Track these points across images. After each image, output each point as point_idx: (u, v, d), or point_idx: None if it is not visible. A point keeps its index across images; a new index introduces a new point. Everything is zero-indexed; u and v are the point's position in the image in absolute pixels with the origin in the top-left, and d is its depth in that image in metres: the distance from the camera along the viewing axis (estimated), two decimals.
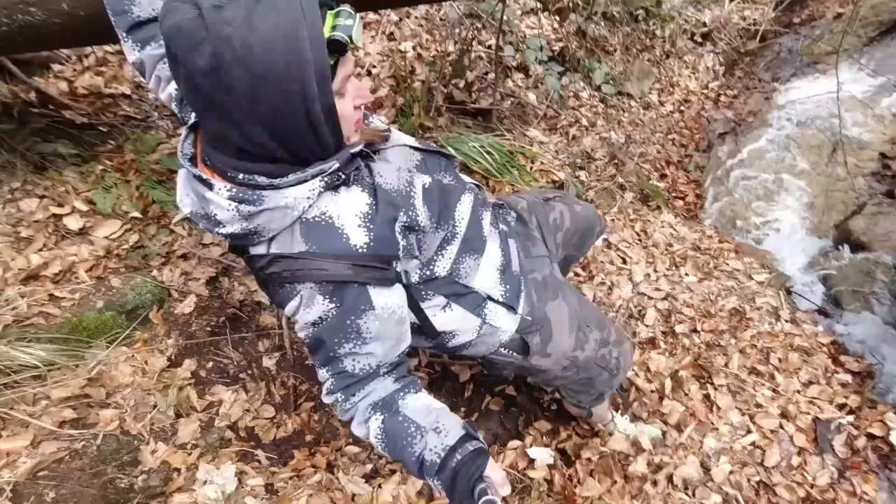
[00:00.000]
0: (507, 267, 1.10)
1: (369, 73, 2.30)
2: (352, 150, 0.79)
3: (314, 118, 0.69)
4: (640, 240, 2.43)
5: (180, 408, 1.50)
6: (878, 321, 2.39)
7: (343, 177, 0.80)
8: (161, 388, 1.51)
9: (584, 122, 2.97)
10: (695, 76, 4.52)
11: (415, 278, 0.94)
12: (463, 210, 1.00)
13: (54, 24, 1.24)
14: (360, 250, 0.80)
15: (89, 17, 1.23)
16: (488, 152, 2.11)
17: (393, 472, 1.51)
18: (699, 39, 4.50)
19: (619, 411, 1.75)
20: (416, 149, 0.96)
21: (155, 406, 1.47)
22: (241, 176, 0.74)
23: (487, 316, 1.06)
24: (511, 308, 1.09)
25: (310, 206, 0.78)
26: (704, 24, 4.55)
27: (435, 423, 0.85)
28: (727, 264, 2.38)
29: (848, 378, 1.99)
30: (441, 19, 2.51)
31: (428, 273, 0.96)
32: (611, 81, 3.55)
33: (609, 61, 3.62)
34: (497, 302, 1.07)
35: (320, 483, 1.43)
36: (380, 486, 1.45)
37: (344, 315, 0.80)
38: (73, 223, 1.69)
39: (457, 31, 2.36)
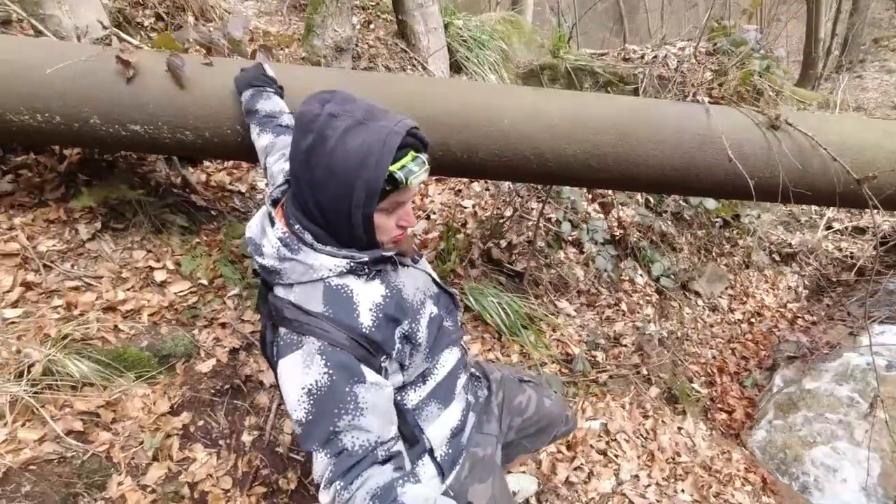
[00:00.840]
0: (458, 433, 1.15)
1: (428, 217, 2.72)
2: (383, 253, 0.95)
3: (353, 218, 0.87)
4: (643, 437, 2.35)
5: (159, 452, 1.73)
6: None
7: (368, 270, 0.94)
8: (154, 429, 1.76)
9: (624, 306, 3.06)
10: (773, 292, 4.41)
11: (396, 369, 1.00)
12: (447, 359, 1.11)
13: (202, 144, 1.77)
14: (362, 330, 0.90)
15: (220, 144, 1.75)
16: (504, 310, 2.31)
17: None
18: (777, 258, 4.47)
19: None
20: (434, 281, 1.12)
21: (141, 443, 1.72)
22: (296, 226, 0.92)
23: (419, 467, 1.08)
24: (442, 473, 1.11)
25: (332, 277, 0.91)
26: (790, 245, 4.54)
27: None
28: (733, 496, 2.19)
29: None
30: (509, 187, 2.91)
31: (399, 399, 1.02)
32: (671, 276, 3.64)
33: (673, 257, 3.75)
34: (434, 460, 1.10)
35: None
36: None
37: (341, 382, 0.85)
38: (159, 276, 2.15)
39: (516, 199, 2.72)
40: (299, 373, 0.86)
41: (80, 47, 1.77)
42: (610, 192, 3.14)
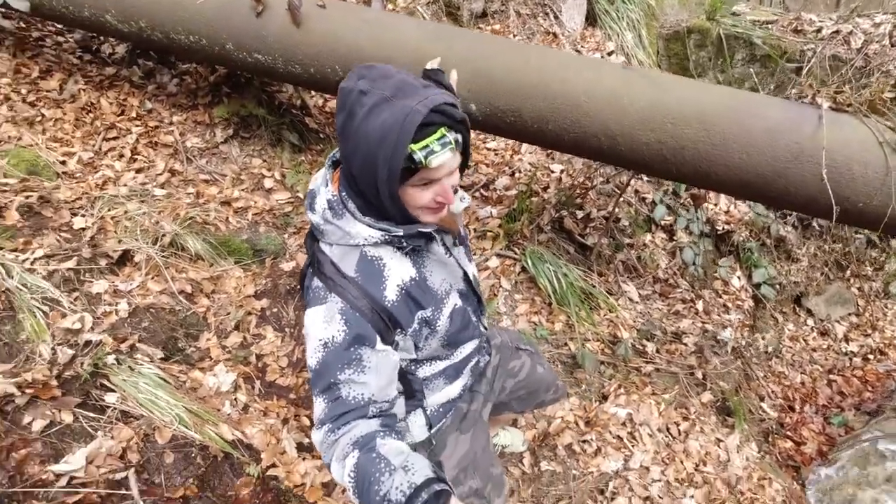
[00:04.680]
0: (455, 401, 1.25)
1: (513, 175, 2.76)
2: (419, 228, 0.94)
3: (381, 194, 0.86)
4: (671, 436, 2.32)
5: (240, 323, 2.16)
6: None
7: (404, 245, 0.96)
8: (239, 305, 2.19)
9: (700, 306, 2.88)
10: None
11: (402, 364, 1.06)
12: (466, 348, 1.19)
13: (307, 78, 2.01)
14: (385, 303, 0.94)
15: (321, 80, 1.97)
16: (559, 279, 2.35)
17: None
18: None
19: None
20: (467, 279, 1.13)
21: (229, 313, 2.16)
22: (343, 193, 0.94)
23: (410, 417, 1.18)
24: (430, 425, 1.20)
25: (368, 246, 0.94)
26: None
27: (405, 462, 0.86)
28: None
29: None
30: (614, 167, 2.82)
31: (410, 367, 1.10)
32: (776, 286, 3.29)
33: (784, 266, 3.36)
34: (425, 413, 1.19)
35: (270, 427, 1.91)
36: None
37: (353, 343, 0.91)
38: (268, 183, 2.55)
39: (601, 172, 2.65)
40: (320, 326, 0.92)
41: None
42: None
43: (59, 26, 2.94)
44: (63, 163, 2.31)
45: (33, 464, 1.48)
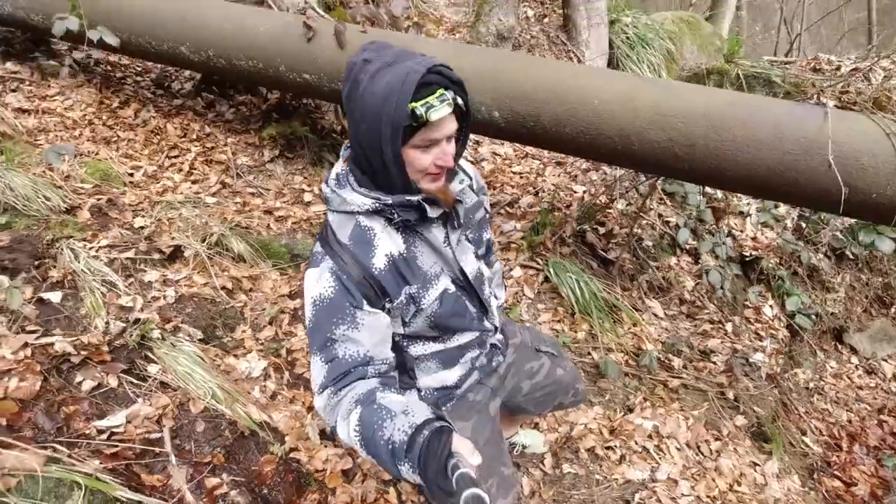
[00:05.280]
0: (451, 389, 1.23)
1: (537, 194, 2.89)
2: (408, 197, 0.97)
3: (385, 156, 0.90)
4: (701, 454, 2.23)
5: (273, 320, 2.29)
6: None
7: (395, 217, 0.99)
8: (274, 303, 2.33)
9: (730, 327, 2.83)
10: None
11: (395, 338, 1.08)
12: (463, 338, 1.18)
13: None
14: (373, 271, 0.98)
15: None
16: (581, 289, 2.40)
17: None
18: None
19: None
20: (464, 274, 1.12)
21: (264, 310, 2.30)
22: (350, 166, 1.01)
23: (404, 395, 1.15)
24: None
25: (362, 215, 0.99)
26: None
27: (405, 407, 0.89)
28: None
29: None
30: (632, 182, 2.92)
31: (402, 342, 1.12)
32: (812, 316, 3.20)
33: (820, 296, 3.27)
34: (418, 393, 1.19)
35: (295, 413, 1.98)
36: None
37: (342, 300, 0.95)
38: (307, 197, 2.76)
39: (621, 189, 2.74)
40: (312, 285, 0.97)
41: (283, 15, 2.38)
42: (723, 196, 2.92)
43: (139, 68, 3.38)
44: (131, 174, 2.60)
45: (79, 419, 1.59)
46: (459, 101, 0.93)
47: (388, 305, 1.01)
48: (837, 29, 10.82)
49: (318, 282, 0.97)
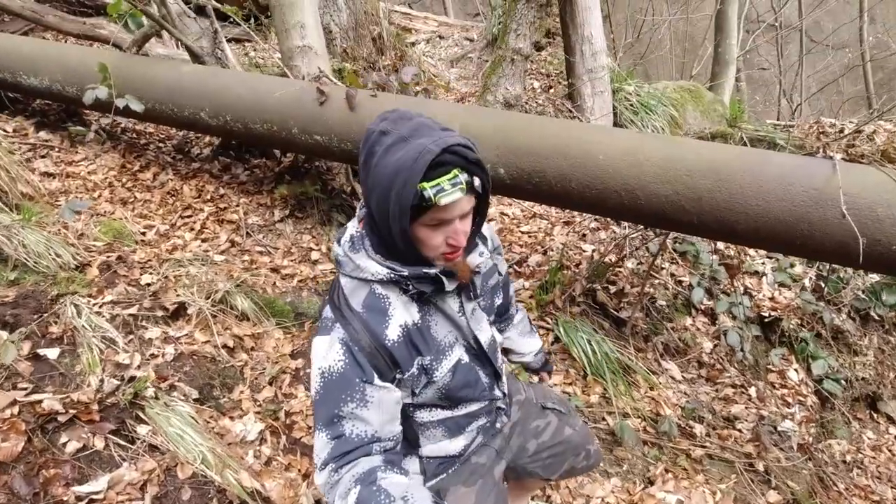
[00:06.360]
0: (455, 459, 1.17)
1: (545, 253, 2.85)
2: (425, 270, 0.94)
3: (393, 230, 0.87)
4: None
5: (274, 380, 2.21)
6: None
7: (411, 288, 0.96)
8: (275, 363, 2.26)
9: (753, 392, 2.66)
10: None
11: (407, 390, 1.03)
12: (471, 407, 1.14)
13: (357, 153, 2.31)
14: (386, 341, 0.94)
15: None
16: (594, 350, 2.30)
17: None
18: None
19: None
20: (478, 342, 1.09)
21: (264, 370, 2.23)
22: (364, 230, 0.98)
23: (405, 461, 1.14)
24: (425, 473, 1.15)
25: (377, 284, 0.96)
26: None
27: (404, 493, 0.86)
28: None
29: None
30: (642, 241, 2.89)
31: (411, 410, 1.07)
32: (841, 381, 3.02)
33: (848, 360, 3.10)
34: (420, 460, 1.15)
35: (290, 481, 1.85)
36: None
37: (352, 375, 0.91)
38: (314, 255, 2.76)
39: (630, 246, 2.70)
40: (321, 355, 0.93)
41: (298, 82, 2.51)
42: (736, 253, 2.85)
43: (162, 135, 3.55)
44: (143, 233, 2.64)
45: (59, 484, 1.50)
46: (476, 182, 0.89)
47: (399, 377, 0.97)
48: (836, 101, 11.16)
49: (328, 353, 0.92)
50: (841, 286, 3.10)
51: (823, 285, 3.15)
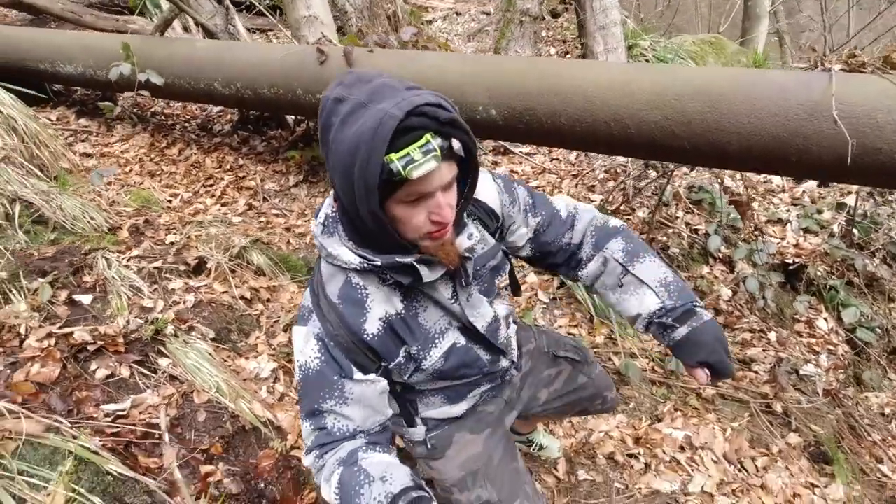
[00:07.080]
0: (455, 418, 1.14)
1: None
2: (398, 259, 0.81)
3: (361, 213, 0.74)
4: (742, 468, 1.99)
5: (289, 327, 2.33)
6: None
7: (388, 278, 0.87)
8: (289, 311, 2.38)
9: (773, 336, 2.58)
10: None
11: (395, 375, 0.98)
12: (474, 378, 1.08)
13: None
14: (364, 336, 0.87)
15: None
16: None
17: None
18: None
19: None
20: (472, 328, 0.99)
21: (279, 319, 2.35)
22: (337, 213, 0.87)
23: (405, 428, 1.14)
24: (427, 429, 1.14)
25: (353, 272, 0.87)
26: None
27: (383, 472, 0.83)
28: None
29: None
30: (655, 188, 2.84)
31: (405, 379, 1.00)
32: (875, 330, 2.87)
33: (884, 307, 2.95)
34: (423, 422, 1.13)
35: None
36: None
37: (329, 372, 0.87)
38: None
39: (649, 198, 2.66)
40: (298, 348, 0.89)
41: (300, 46, 2.60)
42: (743, 189, 2.74)
43: (188, 115, 3.75)
44: (169, 201, 2.83)
45: (90, 404, 1.66)
46: (456, 144, 0.74)
47: (383, 365, 0.92)
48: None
49: (305, 348, 0.89)
50: (873, 230, 2.94)
51: (854, 230, 2.99)
